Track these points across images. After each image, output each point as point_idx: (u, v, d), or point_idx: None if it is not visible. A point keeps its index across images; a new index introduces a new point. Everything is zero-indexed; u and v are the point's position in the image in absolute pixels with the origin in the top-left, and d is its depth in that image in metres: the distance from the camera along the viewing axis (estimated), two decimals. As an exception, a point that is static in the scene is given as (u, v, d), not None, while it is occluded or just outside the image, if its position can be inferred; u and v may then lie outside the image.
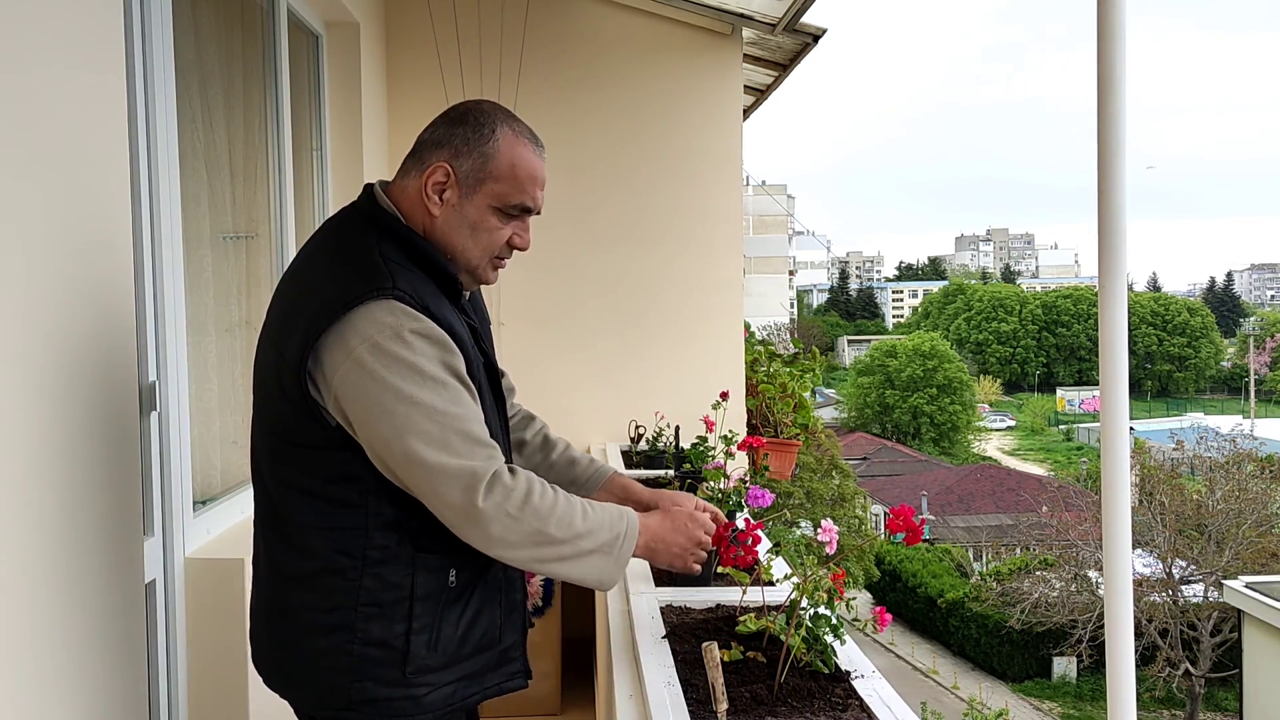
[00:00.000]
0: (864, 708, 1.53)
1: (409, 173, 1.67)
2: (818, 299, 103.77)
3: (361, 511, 1.57)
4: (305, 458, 1.59)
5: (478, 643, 1.66)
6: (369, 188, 1.69)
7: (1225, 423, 29.98)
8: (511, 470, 1.56)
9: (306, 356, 1.52)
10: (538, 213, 1.71)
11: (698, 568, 1.77)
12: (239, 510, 2.66)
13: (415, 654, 1.58)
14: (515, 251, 1.72)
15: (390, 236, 1.62)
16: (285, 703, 1.69)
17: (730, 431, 2.60)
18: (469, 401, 1.56)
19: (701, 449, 2.93)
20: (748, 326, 5.56)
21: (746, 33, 4.54)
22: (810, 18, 4.12)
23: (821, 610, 1.64)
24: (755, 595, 1.83)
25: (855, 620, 19.15)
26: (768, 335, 29.41)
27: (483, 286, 1.79)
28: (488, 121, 1.64)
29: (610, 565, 1.62)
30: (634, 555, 1.68)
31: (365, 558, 1.57)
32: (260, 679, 1.72)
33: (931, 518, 26.68)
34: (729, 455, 2.45)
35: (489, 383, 1.70)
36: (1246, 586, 12.05)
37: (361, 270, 1.55)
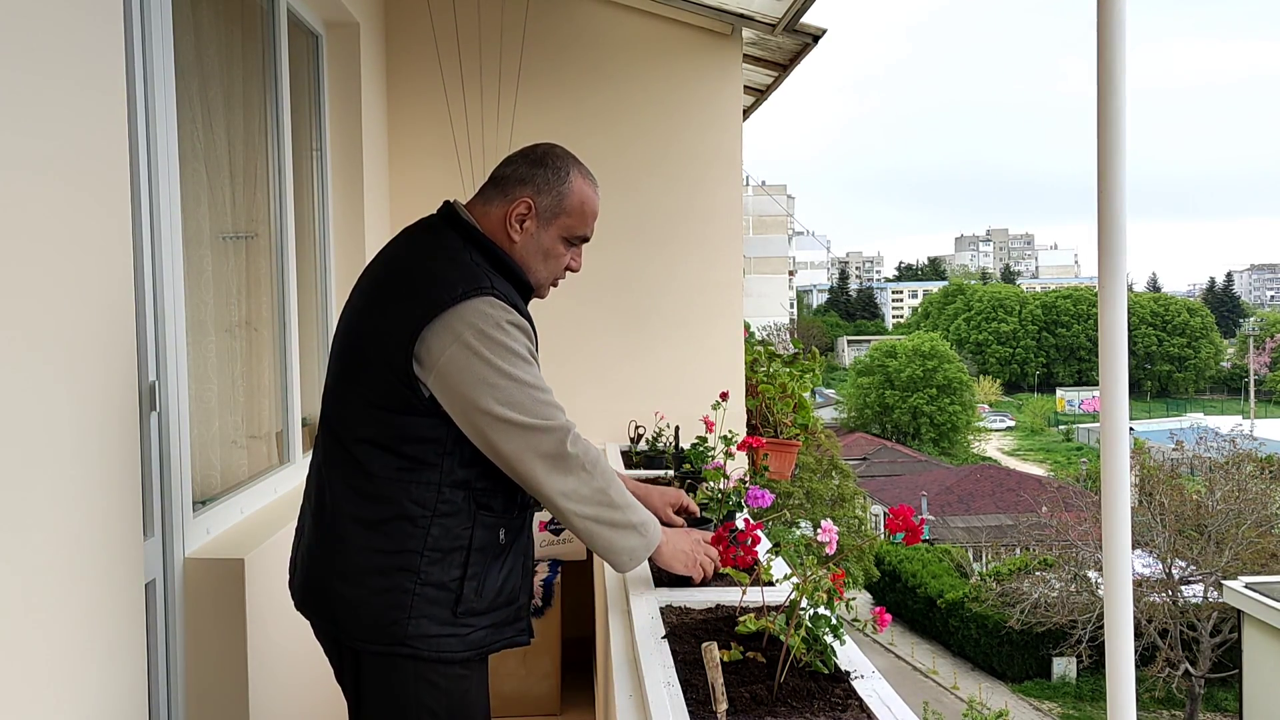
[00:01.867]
0: (864, 708, 1.53)
1: (491, 200, 1.94)
2: (817, 299, 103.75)
3: (436, 469, 1.81)
4: (391, 420, 1.82)
5: (508, 595, 1.90)
6: (449, 204, 1.95)
7: (1225, 423, 30.03)
8: None
9: (414, 340, 1.77)
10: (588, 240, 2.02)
11: (700, 572, 1.98)
12: (239, 510, 2.66)
13: (466, 597, 1.82)
14: (568, 273, 2.02)
15: (476, 246, 1.90)
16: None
17: (730, 432, 2.60)
18: (543, 380, 1.86)
19: (701, 449, 2.93)
20: (748, 327, 5.56)
21: (746, 33, 4.53)
22: (810, 18, 4.12)
23: (821, 610, 1.64)
24: (755, 595, 1.83)
25: (855, 620, 19.17)
26: (768, 335, 29.41)
27: None
28: (563, 166, 1.95)
29: (642, 546, 1.89)
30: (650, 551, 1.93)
31: (435, 509, 1.81)
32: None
33: (931, 518, 26.69)
34: (729, 455, 2.45)
35: None
36: (1246, 587, 12.03)
37: (464, 272, 1.83)
